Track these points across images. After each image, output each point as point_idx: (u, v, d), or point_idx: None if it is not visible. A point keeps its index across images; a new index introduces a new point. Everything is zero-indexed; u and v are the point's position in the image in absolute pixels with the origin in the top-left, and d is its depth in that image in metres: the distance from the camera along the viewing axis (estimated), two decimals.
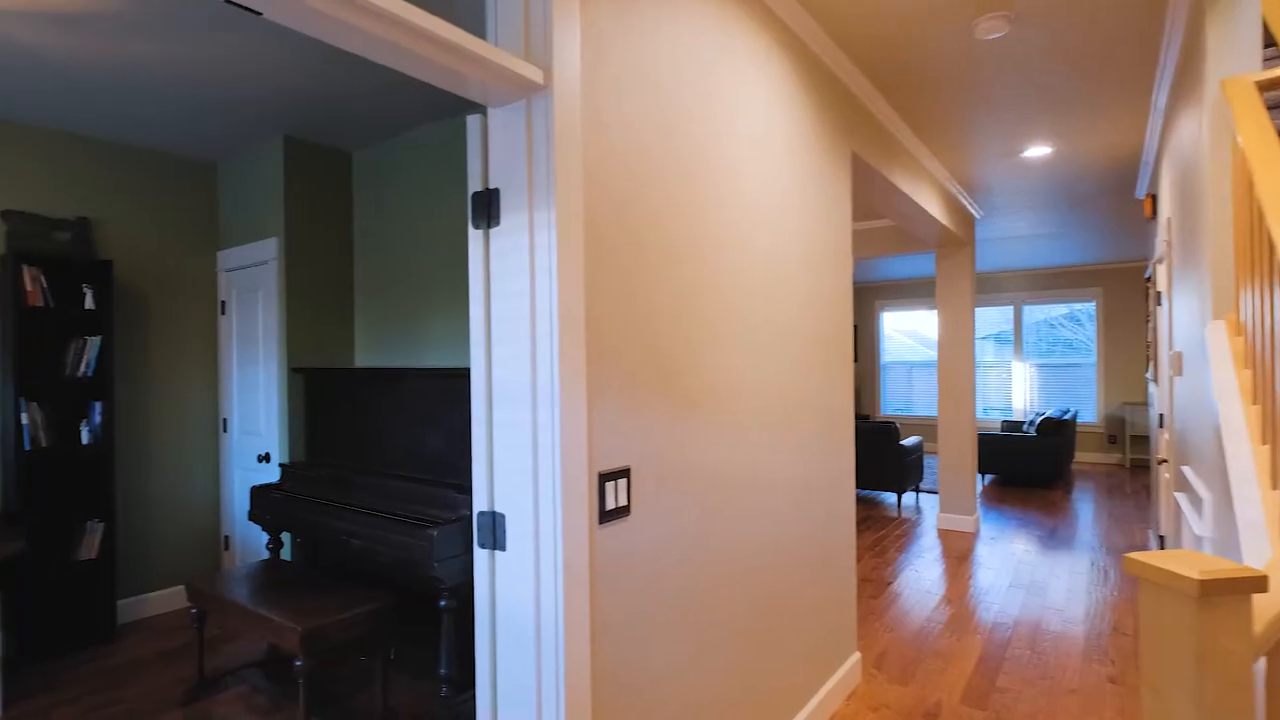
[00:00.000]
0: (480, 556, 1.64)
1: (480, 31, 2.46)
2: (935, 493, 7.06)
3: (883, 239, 5.99)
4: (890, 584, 4.27)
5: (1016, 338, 9.62)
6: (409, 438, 3.11)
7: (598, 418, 1.62)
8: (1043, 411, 9.26)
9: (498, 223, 1.61)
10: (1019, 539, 5.27)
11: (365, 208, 3.86)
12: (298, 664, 2.49)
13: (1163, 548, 4.04)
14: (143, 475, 3.87)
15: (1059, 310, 9.40)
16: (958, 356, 5.51)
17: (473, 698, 2.71)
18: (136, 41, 2.62)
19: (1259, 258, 1.64)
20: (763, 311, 2.29)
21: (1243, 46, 2.05)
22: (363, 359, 3.85)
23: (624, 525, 1.69)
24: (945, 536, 5.38)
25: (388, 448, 3.19)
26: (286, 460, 3.62)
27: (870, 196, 3.74)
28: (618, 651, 1.66)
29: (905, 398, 10.56)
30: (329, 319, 3.79)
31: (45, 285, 3.38)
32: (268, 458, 3.75)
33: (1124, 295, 8.89)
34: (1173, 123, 3.07)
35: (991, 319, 9.79)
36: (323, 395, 3.52)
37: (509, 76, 1.44)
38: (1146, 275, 6.53)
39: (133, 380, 3.84)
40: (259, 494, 3.33)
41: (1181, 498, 2.74)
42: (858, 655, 2.97)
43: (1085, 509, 6.26)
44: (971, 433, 5.45)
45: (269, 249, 3.70)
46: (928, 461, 9.00)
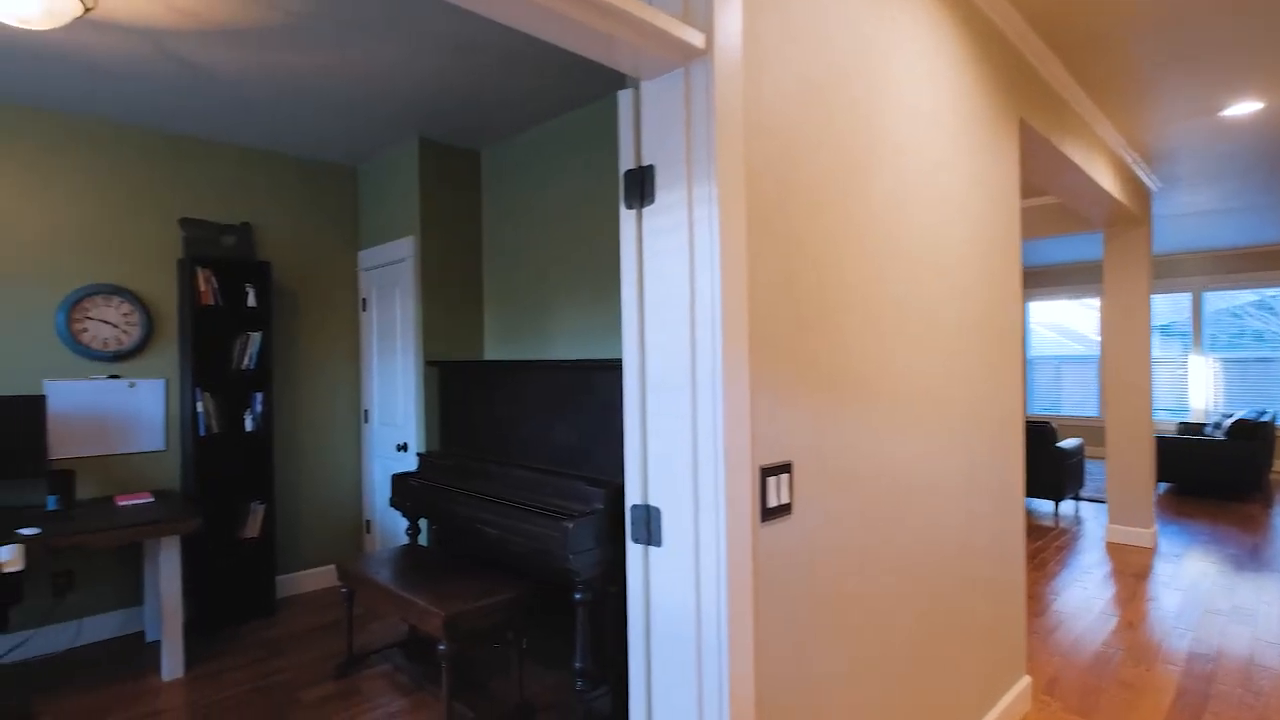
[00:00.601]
0: (634, 552, 1.56)
1: None
2: (1099, 501, 6.36)
3: (1037, 219, 5.44)
4: (1053, 602, 3.84)
5: (1195, 329, 8.50)
6: (538, 429, 3.11)
7: (759, 408, 1.49)
8: (1231, 413, 8.14)
9: (651, 201, 1.51)
10: (1210, 557, 4.62)
11: (493, 204, 3.92)
12: (440, 648, 2.53)
13: None
14: (295, 461, 4.14)
15: (1246, 297, 8.22)
16: (1130, 349, 4.90)
17: (608, 693, 2.66)
18: (291, 52, 2.76)
19: None
20: (925, 299, 2.07)
21: None
22: (491, 352, 3.92)
23: (785, 525, 1.55)
24: (1116, 551, 4.81)
25: (518, 439, 3.21)
26: (423, 450, 3.74)
27: (1034, 170, 3.36)
28: (778, 660, 1.52)
29: (1053, 396, 9.66)
30: (460, 313, 3.88)
31: (216, 285, 3.67)
32: (405, 447, 3.90)
33: None
34: None
35: (1159, 309, 8.73)
36: (455, 387, 3.60)
37: (667, 41, 1.33)
38: None
39: (286, 372, 4.11)
40: (399, 482, 3.45)
41: None
42: (1027, 679, 2.66)
43: None
44: (1148, 435, 4.84)
45: (405, 247, 3.84)
46: (1088, 466, 8.15)
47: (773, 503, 1.51)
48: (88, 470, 3.48)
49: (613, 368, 2.74)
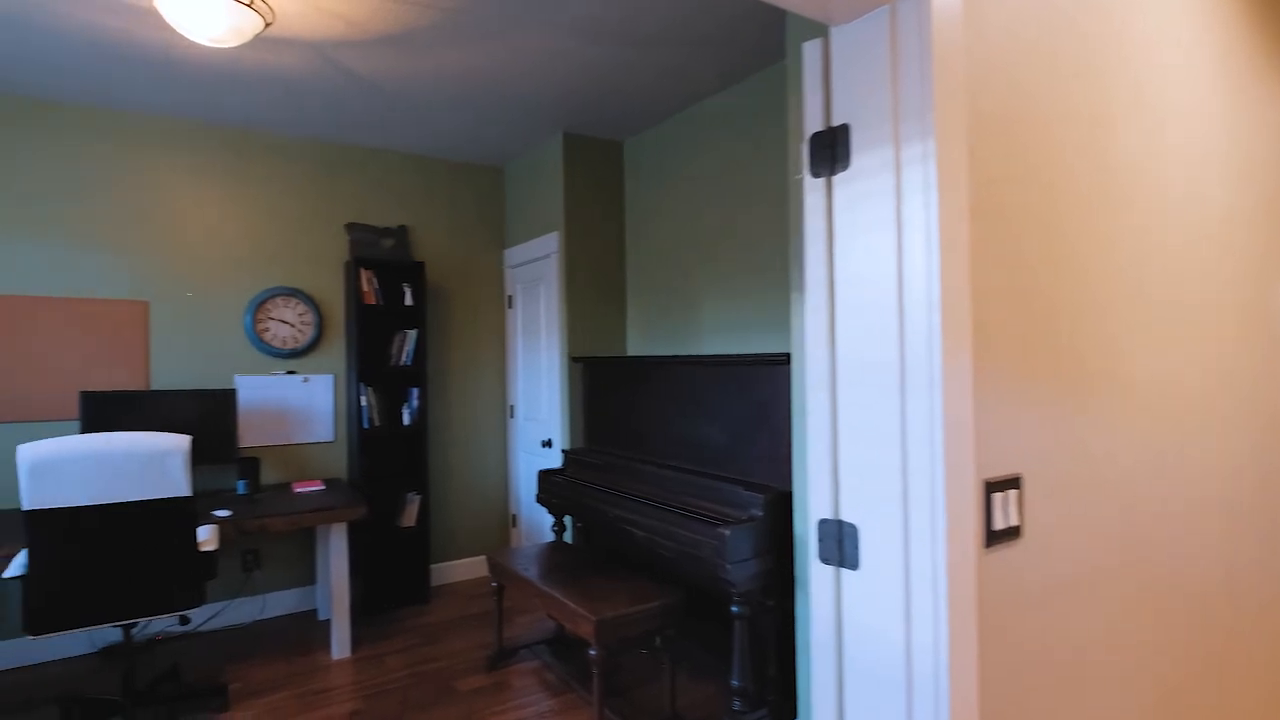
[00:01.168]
0: (821, 574, 1.36)
1: None
2: None
3: None
4: None
5: None
6: (686, 428, 2.97)
7: (983, 411, 1.24)
8: None
9: (845, 166, 1.30)
10: None
11: (635, 196, 3.83)
12: (591, 653, 2.45)
13: None
14: (446, 454, 4.27)
15: None
16: None
17: (767, 716, 2.46)
18: (443, 52, 2.79)
19: None
20: (1181, 281, 1.69)
21: None
22: (634, 347, 3.83)
23: (1014, 550, 1.29)
24: None
25: (664, 437, 3.08)
26: (567, 446, 3.72)
27: None
28: (1002, 714, 1.26)
29: None
30: (603, 308, 3.82)
31: (376, 286, 3.85)
32: (550, 443, 3.90)
33: None
34: None
35: None
36: (600, 384, 3.54)
37: None
38: None
39: (438, 368, 4.25)
40: (544, 478, 3.44)
41: None
42: None
43: None
44: None
45: (550, 243, 3.83)
46: None
47: (999, 524, 1.25)
48: (270, 458, 3.76)
49: (770, 363, 2.54)
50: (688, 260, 3.43)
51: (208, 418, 3.39)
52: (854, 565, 1.30)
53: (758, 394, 2.62)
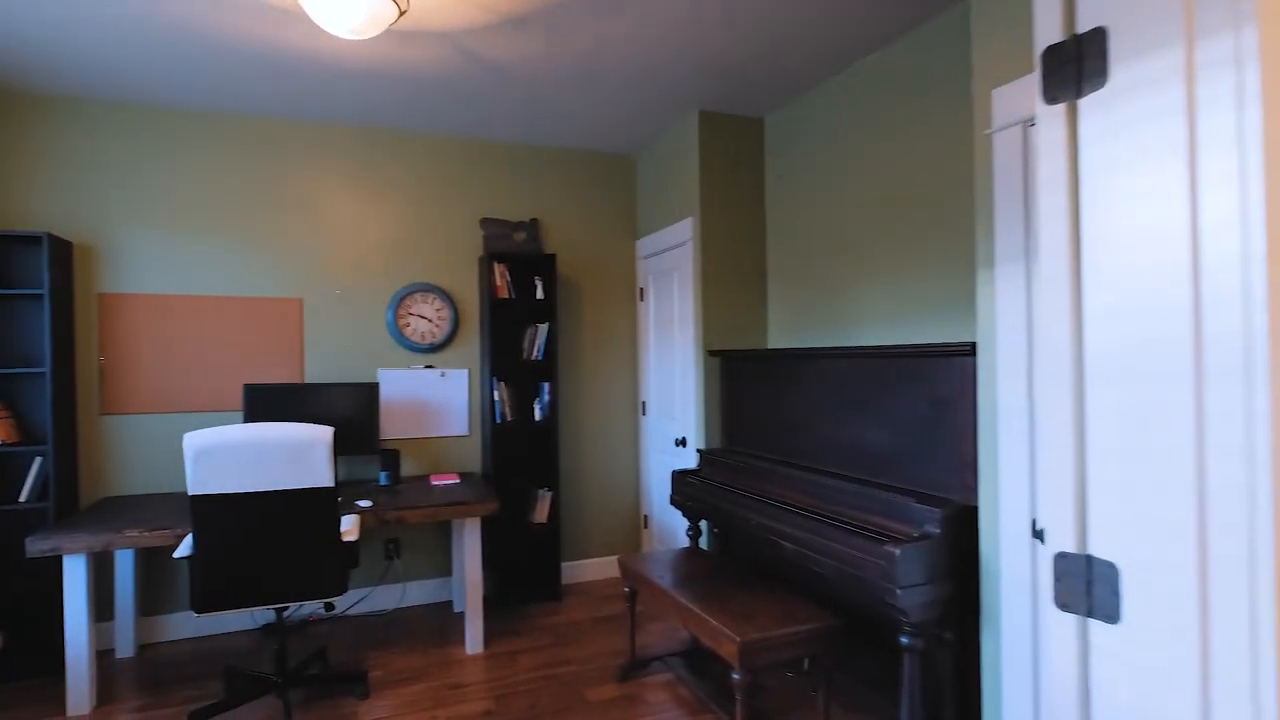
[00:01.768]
0: (1060, 623, 1.04)
1: None
2: None
3: None
4: None
5: None
6: (839, 428, 2.65)
7: None
8: None
9: (1099, 83, 0.97)
10: None
11: (778, 176, 3.53)
12: (735, 676, 2.21)
13: None
14: (576, 451, 4.19)
15: None
16: None
17: None
18: (573, 29, 2.65)
19: None
20: None
21: None
22: (776, 340, 3.54)
23: None
24: None
25: (815, 438, 2.77)
26: (703, 446, 3.50)
27: None
28: None
29: None
30: (742, 298, 3.56)
31: (509, 280, 3.82)
32: (684, 442, 3.70)
33: None
34: None
35: None
36: (739, 379, 3.29)
37: None
38: None
39: (568, 363, 4.17)
40: (678, 479, 3.24)
41: None
42: None
43: None
44: None
45: (684, 230, 3.62)
46: None
47: None
48: (409, 450, 3.84)
49: (948, 353, 2.17)
50: (838, 242, 3.10)
51: (353, 410, 3.50)
52: (1111, 617, 0.97)
53: (931, 390, 2.26)
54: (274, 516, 2.44)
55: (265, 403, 3.35)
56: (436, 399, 3.86)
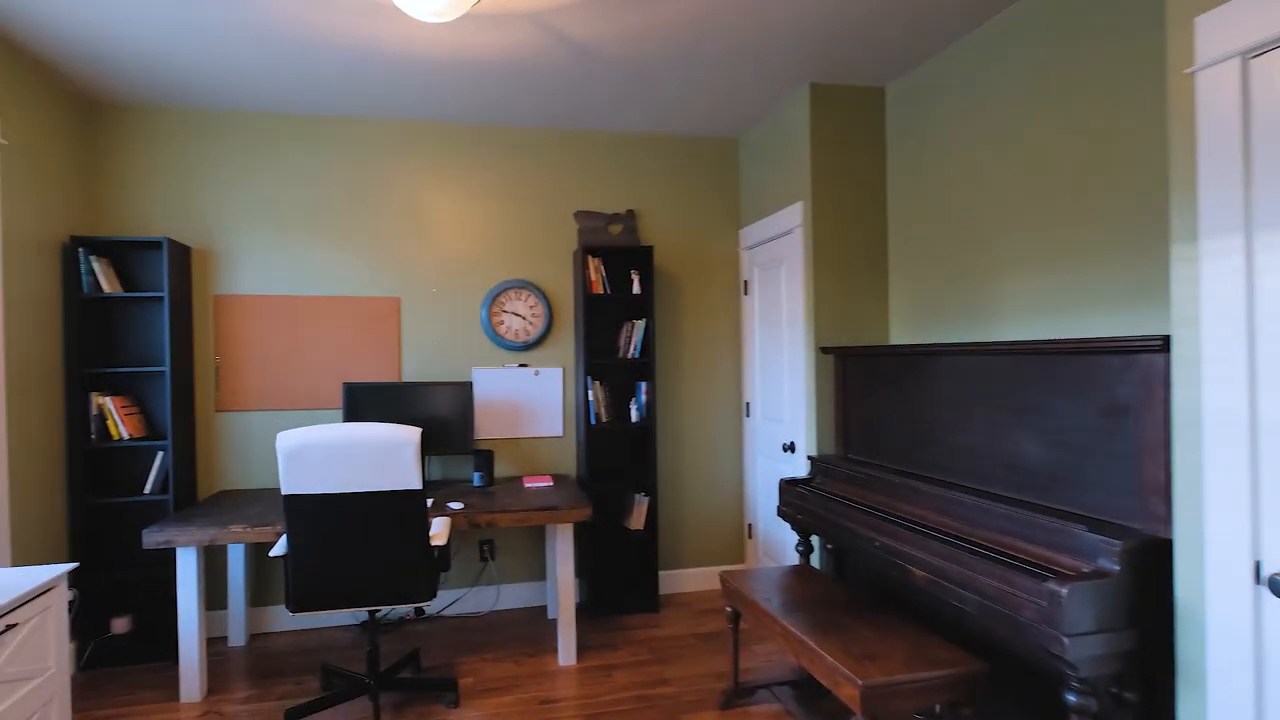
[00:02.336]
0: None
1: None
2: None
3: None
4: None
5: None
6: (982, 437, 2.26)
7: None
8: None
9: None
10: None
11: (902, 151, 3.15)
12: None
13: None
14: (675, 454, 3.96)
15: None
16: None
17: None
18: (667, 2, 2.42)
19: None
20: None
21: None
22: (899, 335, 3.16)
23: None
24: None
25: (951, 448, 2.40)
26: (814, 453, 3.17)
27: None
28: None
29: None
30: (859, 289, 3.21)
31: (604, 274, 3.65)
32: (792, 447, 3.38)
33: None
34: None
35: None
36: (857, 379, 2.94)
37: None
38: None
39: (667, 361, 3.95)
40: (788, 489, 2.94)
41: None
42: None
43: None
44: None
45: (793, 216, 3.31)
46: None
47: None
48: (502, 450, 3.75)
49: (1130, 349, 1.77)
50: (976, 223, 2.70)
51: (448, 409, 3.44)
52: None
53: (1103, 394, 1.86)
54: (362, 518, 2.37)
55: (364, 401, 3.35)
56: (530, 398, 3.75)
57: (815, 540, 3.19)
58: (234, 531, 2.69)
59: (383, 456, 2.33)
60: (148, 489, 3.15)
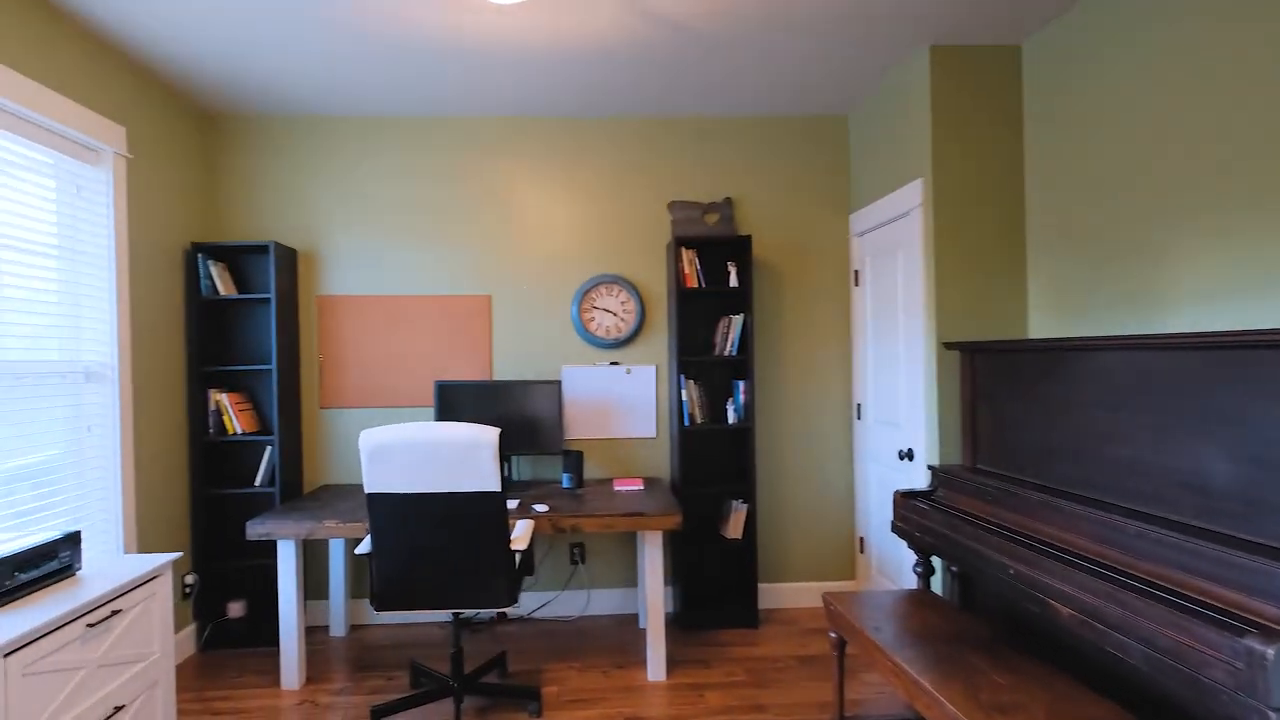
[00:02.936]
0: None
1: None
2: None
3: None
4: None
5: None
6: (1151, 451, 1.85)
7: None
8: None
9: None
10: None
11: (1042, 117, 2.72)
12: None
13: None
14: (777, 459, 3.68)
15: None
16: None
17: None
18: None
19: None
20: None
21: None
22: (1040, 328, 2.73)
23: None
24: None
25: (1106, 462, 2.00)
26: (936, 462, 2.81)
27: None
28: None
29: None
30: (990, 276, 2.80)
31: (699, 267, 3.44)
32: (910, 455, 3.02)
33: None
34: None
35: None
36: (987, 379, 2.56)
37: None
38: None
39: (767, 359, 3.68)
40: (905, 503, 2.61)
41: None
42: None
43: None
44: None
45: (911, 195, 2.95)
46: None
47: None
48: (593, 451, 3.63)
49: None
50: (1140, 194, 2.25)
51: (538, 408, 3.36)
52: None
53: None
54: (440, 519, 2.30)
55: (455, 400, 3.33)
56: (622, 397, 3.61)
57: (937, 561, 2.82)
58: (327, 526, 2.72)
59: (460, 457, 2.25)
60: (257, 481, 3.28)
